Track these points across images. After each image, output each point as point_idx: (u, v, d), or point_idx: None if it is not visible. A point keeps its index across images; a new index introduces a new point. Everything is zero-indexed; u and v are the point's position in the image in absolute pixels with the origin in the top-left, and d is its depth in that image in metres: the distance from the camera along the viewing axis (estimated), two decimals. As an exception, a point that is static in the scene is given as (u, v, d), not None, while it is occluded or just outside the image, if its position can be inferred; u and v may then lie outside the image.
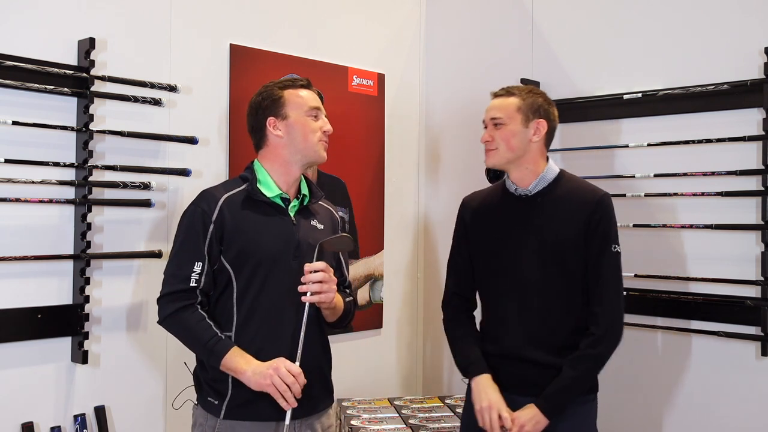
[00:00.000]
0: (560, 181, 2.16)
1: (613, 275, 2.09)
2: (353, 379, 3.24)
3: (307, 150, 2.05)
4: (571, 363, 2.05)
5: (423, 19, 3.74)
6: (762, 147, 2.58)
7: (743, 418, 2.64)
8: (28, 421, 2.39)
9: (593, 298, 2.08)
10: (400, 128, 3.62)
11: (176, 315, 1.96)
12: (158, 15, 2.71)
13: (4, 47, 2.33)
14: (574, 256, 2.08)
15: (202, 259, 1.96)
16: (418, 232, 3.70)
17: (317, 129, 2.05)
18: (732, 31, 2.69)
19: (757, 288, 2.60)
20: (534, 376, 2.08)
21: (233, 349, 1.92)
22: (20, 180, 2.33)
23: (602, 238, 2.08)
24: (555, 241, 2.09)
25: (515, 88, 2.18)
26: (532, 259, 2.11)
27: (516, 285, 2.13)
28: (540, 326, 2.10)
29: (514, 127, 2.11)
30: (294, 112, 2.04)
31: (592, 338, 2.06)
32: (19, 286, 2.37)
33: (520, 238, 2.13)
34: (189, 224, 1.99)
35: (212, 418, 1.98)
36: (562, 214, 2.11)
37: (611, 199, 2.14)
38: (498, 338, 2.15)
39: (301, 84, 2.09)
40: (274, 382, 1.88)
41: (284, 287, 1.99)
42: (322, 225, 2.12)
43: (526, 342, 2.10)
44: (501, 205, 2.21)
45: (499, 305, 2.17)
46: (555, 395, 2.04)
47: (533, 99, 2.14)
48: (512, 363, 2.11)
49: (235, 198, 2.01)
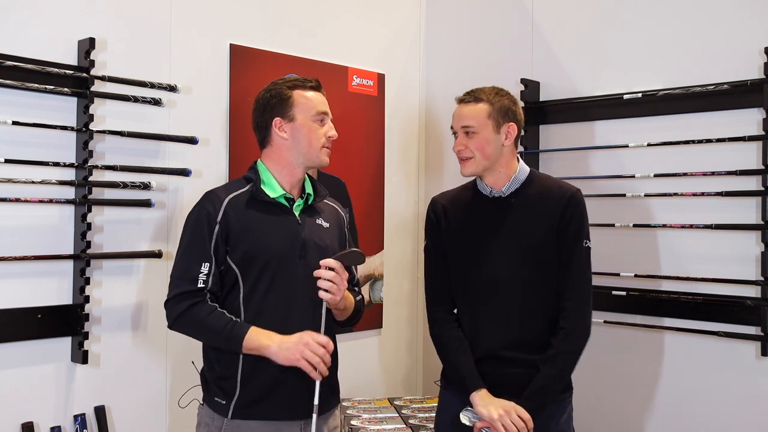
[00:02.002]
0: (532, 181, 2.17)
1: (584, 270, 2.11)
2: (353, 379, 3.23)
3: (311, 155, 2.04)
4: (548, 361, 2.05)
5: (423, 19, 3.74)
6: (762, 147, 2.58)
7: (743, 418, 2.63)
8: (28, 421, 2.39)
9: (564, 293, 2.09)
10: (400, 128, 3.62)
11: (186, 313, 1.94)
12: (158, 15, 2.71)
13: (4, 47, 2.33)
14: (549, 253, 2.09)
15: (209, 260, 1.95)
16: (418, 232, 3.69)
17: (322, 135, 2.04)
18: (732, 31, 2.69)
19: (757, 288, 2.60)
20: (514, 376, 2.08)
21: (252, 329, 1.91)
22: (20, 180, 2.33)
23: (574, 233, 2.09)
24: (530, 240, 2.10)
25: (480, 92, 2.13)
26: (508, 259, 2.11)
27: (493, 286, 2.12)
28: (518, 325, 2.10)
29: (487, 135, 2.10)
30: (301, 115, 2.02)
31: (564, 332, 2.06)
32: (19, 286, 2.37)
33: (496, 240, 2.13)
34: (194, 226, 1.99)
35: (219, 418, 1.98)
36: (536, 213, 2.12)
37: (583, 195, 2.14)
38: (476, 339, 2.14)
39: (310, 85, 2.06)
40: (306, 356, 1.87)
41: (291, 286, 1.99)
42: (327, 223, 2.12)
43: (505, 342, 2.10)
44: (474, 207, 2.20)
45: (477, 307, 2.15)
46: (537, 394, 2.04)
47: (501, 102, 2.12)
48: (491, 363, 2.11)
49: (239, 199, 2.01)
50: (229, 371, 1.96)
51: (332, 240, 2.11)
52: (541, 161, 3.19)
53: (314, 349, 1.88)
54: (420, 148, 3.72)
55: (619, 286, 2.91)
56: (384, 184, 3.53)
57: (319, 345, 1.89)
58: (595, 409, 2.94)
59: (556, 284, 2.10)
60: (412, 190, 3.69)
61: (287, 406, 1.96)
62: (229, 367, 1.97)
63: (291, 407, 1.97)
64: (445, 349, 2.18)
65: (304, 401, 1.96)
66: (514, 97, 2.20)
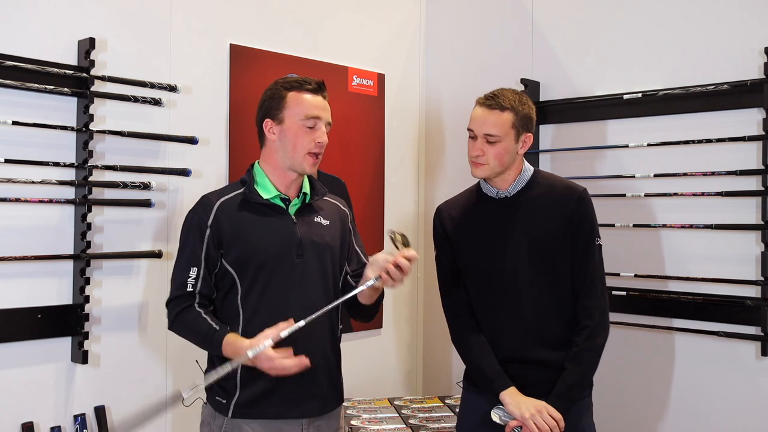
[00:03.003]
0: (537, 180, 2.17)
1: (598, 268, 2.12)
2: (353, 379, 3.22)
3: (293, 160, 2.00)
4: (574, 359, 2.06)
5: (423, 19, 3.74)
6: (762, 147, 2.58)
7: (743, 418, 2.64)
8: (28, 421, 2.39)
9: (582, 291, 2.09)
10: (400, 128, 3.62)
11: (177, 318, 1.99)
12: (158, 15, 2.71)
13: (4, 47, 2.33)
14: (560, 250, 2.09)
15: (198, 265, 1.97)
16: (418, 232, 3.70)
17: (310, 140, 1.99)
18: (732, 31, 2.69)
19: (757, 288, 2.60)
20: (537, 376, 2.08)
21: (225, 339, 1.90)
22: (20, 180, 2.33)
23: (586, 233, 2.10)
24: (541, 238, 2.10)
25: (505, 98, 2.09)
26: (521, 259, 2.11)
27: (508, 286, 2.12)
28: (536, 325, 2.10)
29: (507, 144, 2.09)
30: (290, 119, 1.99)
31: (588, 330, 2.07)
32: (19, 286, 2.37)
33: (507, 240, 2.13)
34: (187, 231, 2.01)
35: (220, 416, 1.99)
36: (545, 212, 2.12)
37: (589, 194, 2.14)
38: (496, 342, 2.15)
39: (308, 87, 2.01)
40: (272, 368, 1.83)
41: (289, 286, 1.99)
42: (327, 220, 2.11)
43: (525, 342, 2.10)
44: (481, 211, 2.19)
45: (494, 309, 2.15)
46: (567, 393, 2.04)
47: (524, 111, 2.10)
48: (515, 366, 2.11)
49: (231, 202, 2.01)
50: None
51: (333, 237, 2.10)
52: (541, 161, 3.19)
53: (278, 369, 1.82)
54: (420, 148, 3.72)
55: (619, 286, 2.91)
56: (384, 184, 3.52)
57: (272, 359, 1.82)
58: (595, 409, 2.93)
59: (569, 282, 2.10)
60: (412, 190, 3.69)
61: (287, 406, 1.96)
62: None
63: (291, 407, 1.97)
64: (470, 353, 2.17)
65: (305, 401, 1.97)
66: (532, 101, 2.18)
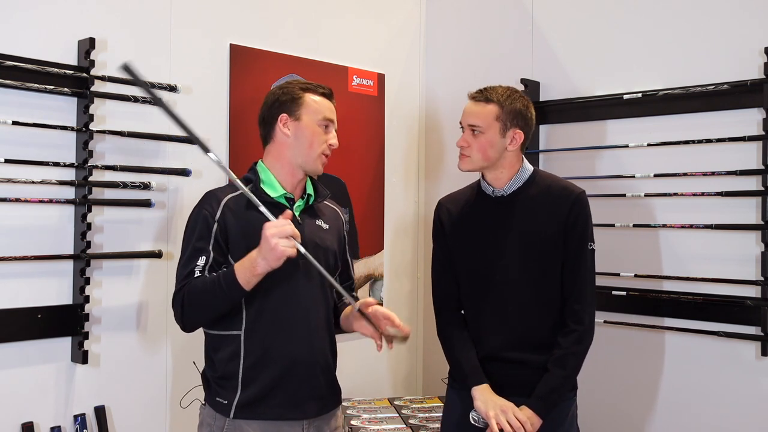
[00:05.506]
0: (535, 180, 2.16)
1: (589, 273, 2.11)
2: (353, 379, 3.23)
3: (308, 158, 2.03)
4: (558, 362, 2.06)
5: (423, 19, 3.74)
6: (762, 147, 2.58)
7: (743, 418, 2.64)
8: (28, 421, 2.39)
9: (572, 295, 2.09)
10: (400, 128, 3.62)
11: (181, 293, 1.91)
12: (158, 15, 2.71)
13: (4, 47, 2.33)
14: (552, 252, 2.09)
15: (207, 254, 1.94)
16: (418, 232, 3.70)
17: (324, 141, 2.04)
18: (732, 31, 2.69)
19: (757, 288, 2.60)
20: (519, 376, 2.09)
21: (235, 267, 1.86)
22: (20, 180, 2.33)
23: (580, 236, 2.09)
24: (534, 239, 2.10)
25: (494, 91, 2.12)
26: (512, 259, 2.11)
27: (497, 285, 2.12)
28: (521, 325, 2.10)
29: (491, 137, 2.10)
30: (307, 117, 2.02)
31: (576, 335, 2.07)
32: (19, 286, 2.37)
33: (500, 239, 2.13)
34: (193, 227, 1.99)
35: (221, 417, 1.97)
36: (540, 213, 2.11)
37: (587, 196, 2.14)
38: (479, 339, 2.15)
39: (321, 91, 2.07)
40: (281, 246, 1.78)
41: (292, 287, 1.99)
42: (327, 225, 2.12)
43: (507, 342, 2.11)
44: (477, 207, 2.20)
45: (480, 306, 2.16)
46: (548, 395, 2.04)
47: (512, 106, 2.10)
48: (496, 364, 2.12)
49: (238, 199, 2.00)
50: (231, 371, 1.96)
51: (332, 242, 2.11)
52: (541, 161, 3.19)
53: (281, 233, 1.79)
54: (420, 148, 3.72)
55: (619, 286, 2.91)
56: (384, 184, 3.52)
57: (278, 228, 1.78)
58: (595, 409, 2.94)
59: (558, 284, 2.10)
60: (412, 190, 3.69)
61: (288, 407, 1.95)
62: (230, 367, 1.97)
63: (292, 407, 1.97)
64: (452, 348, 2.19)
65: (305, 402, 1.97)
66: (528, 100, 2.17)
